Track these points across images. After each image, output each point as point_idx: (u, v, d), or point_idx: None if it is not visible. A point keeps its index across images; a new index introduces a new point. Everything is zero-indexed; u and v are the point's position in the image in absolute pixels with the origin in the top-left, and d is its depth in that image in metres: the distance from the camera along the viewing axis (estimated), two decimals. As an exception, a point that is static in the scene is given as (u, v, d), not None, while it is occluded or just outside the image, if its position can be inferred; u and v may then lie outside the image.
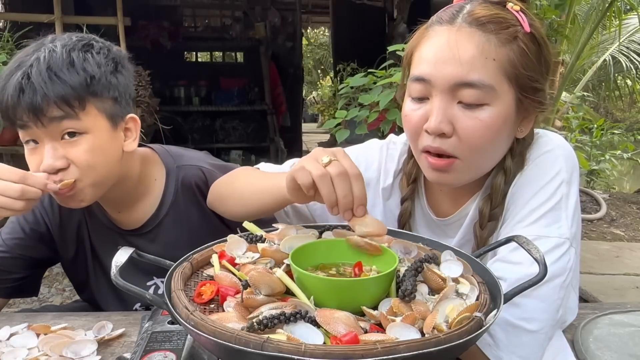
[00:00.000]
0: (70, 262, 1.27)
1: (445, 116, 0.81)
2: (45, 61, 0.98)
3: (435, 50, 0.83)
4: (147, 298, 0.64)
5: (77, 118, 1.00)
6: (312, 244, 0.73)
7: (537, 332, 0.78)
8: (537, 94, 0.85)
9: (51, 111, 0.97)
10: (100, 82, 1.03)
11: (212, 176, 1.21)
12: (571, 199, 0.85)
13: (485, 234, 0.89)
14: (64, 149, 1.00)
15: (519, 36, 0.82)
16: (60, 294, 3.01)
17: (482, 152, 0.84)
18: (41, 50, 1.00)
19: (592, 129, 6.04)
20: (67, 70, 0.99)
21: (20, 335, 0.97)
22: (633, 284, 2.78)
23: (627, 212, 4.42)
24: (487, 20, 0.82)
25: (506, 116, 0.83)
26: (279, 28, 6.39)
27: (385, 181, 1.03)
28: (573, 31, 5.43)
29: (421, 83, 0.84)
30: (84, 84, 1.00)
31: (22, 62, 1.00)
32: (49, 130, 0.99)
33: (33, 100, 0.96)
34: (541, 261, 0.67)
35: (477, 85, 0.80)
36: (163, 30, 5.86)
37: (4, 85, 0.98)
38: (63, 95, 0.98)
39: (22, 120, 0.98)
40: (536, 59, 0.84)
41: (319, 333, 0.57)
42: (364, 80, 2.38)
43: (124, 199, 1.18)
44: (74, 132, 1.00)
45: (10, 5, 4.67)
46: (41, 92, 0.96)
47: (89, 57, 1.03)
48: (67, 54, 1.00)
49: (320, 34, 14.18)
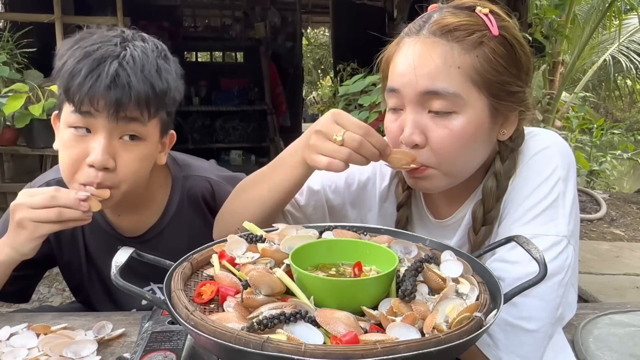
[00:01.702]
0: (65, 264, 1.26)
1: (417, 127, 0.83)
2: (140, 61, 0.97)
3: (403, 62, 0.85)
4: (147, 298, 0.64)
5: (145, 124, 1.00)
6: (312, 244, 0.73)
7: (536, 331, 0.78)
8: (513, 97, 0.85)
9: (131, 111, 0.96)
10: (172, 94, 1.04)
11: (219, 188, 1.20)
12: (568, 196, 0.85)
13: (480, 239, 0.89)
14: (117, 149, 0.99)
15: (484, 41, 0.82)
16: (60, 294, 3.01)
17: (455, 160, 0.85)
18: (129, 47, 0.98)
19: (592, 129, 6.04)
20: (156, 77, 0.99)
21: (20, 335, 0.97)
22: (633, 284, 2.78)
23: (627, 212, 4.42)
24: (452, 29, 0.82)
25: (478, 123, 0.83)
26: (279, 28, 6.39)
27: (382, 183, 1.04)
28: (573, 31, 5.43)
29: (394, 95, 0.86)
30: (164, 93, 1.00)
31: (107, 53, 0.96)
32: (116, 127, 0.97)
33: (122, 97, 0.94)
34: (541, 261, 0.67)
35: (443, 94, 0.81)
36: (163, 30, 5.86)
37: (88, 72, 0.94)
38: (149, 99, 0.97)
39: (97, 109, 0.95)
40: (507, 61, 0.83)
41: (319, 333, 0.57)
42: (362, 86, 2.38)
43: (129, 203, 1.15)
44: (136, 136, 1.00)
45: (10, 5, 4.67)
46: (135, 91, 0.95)
47: (169, 68, 1.03)
48: (154, 59, 1.00)
49: (320, 34, 14.18)
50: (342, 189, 1.04)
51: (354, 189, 1.04)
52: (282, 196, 0.94)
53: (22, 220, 0.96)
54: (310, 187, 1.02)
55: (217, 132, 6.35)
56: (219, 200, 1.20)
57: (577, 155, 4.77)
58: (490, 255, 0.85)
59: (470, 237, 0.90)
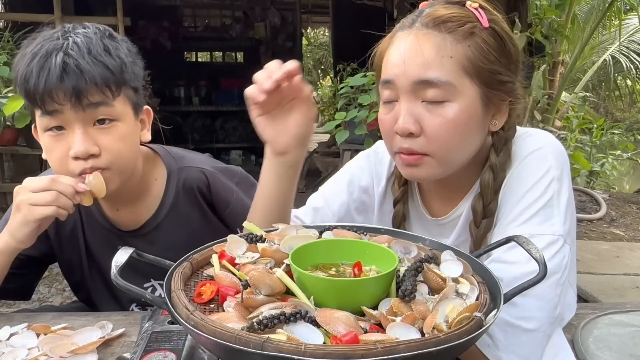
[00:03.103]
0: (66, 261, 1.26)
1: (411, 116, 0.84)
2: (85, 45, 0.99)
3: (396, 54, 0.87)
4: (147, 298, 0.64)
5: (112, 105, 1.01)
6: (312, 244, 0.73)
7: (536, 330, 0.78)
8: (503, 86, 0.87)
9: (92, 96, 0.98)
10: (129, 69, 1.05)
11: (214, 179, 1.21)
12: (563, 195, 0.86)
13: (481, 232, 0.90)
14: (95, 135, 1.01)
15: (475, 32, 0.85)
16: (60, 294, 3.01)
17: (450, 148, 0.86)
18: (71, 36, 1.00)
19: (592, 129, 6.04)
20: (106, 56, 1.00)
21: (20, 335, 0.97)
22: (633, 284, 2.78)
23: (627, 212, 4.42)
24: (444, 20, 0.85)
25: (471, 112, 0.85)
26: (279, 28, 6.39)
27: (380, 185, 1.05)
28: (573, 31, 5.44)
29: (388, 86, 0.88)
30: (120, 69, 1.02)
31: (51, 47, 0.98)
32: (85, 115, 0.99)
33: (78, 83, 0.96)
34: (541, 261, 0.67)
35: (436, 83, 0.82)
36: (163, 30, 5.86)
37: (39, 70, 0.97)
38: (106, 79, 0.99)
39: (59, 103, 0.97)
40: (498, 52, 0.86)
41: (319, 333, 0.57)
42: (364, 80, 2.38)
43: (125, 196, 1.16)
44: (107, 119, 1.02)
45: (10, 5, 4.67)
46: (89, 74, 0.97)
47: (117, 45, 1.04)
48: (100, 41, 1.01)
49: (320, 34, 14.18)
50: (346, 199, 1.05)
51: (356, 196, 1.05)
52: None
53: (20, 203, 0.98)
54: (313, 207, 1.04)
55: (217, 132, 6.35)
56: (214, 191, 1.22)
57: (577, 155, 4.77)
58: (486, 257, 0.86)
59: (472, 230, 0.91)
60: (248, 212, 0.99)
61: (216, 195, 1.22)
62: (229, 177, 1.24)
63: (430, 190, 1.00)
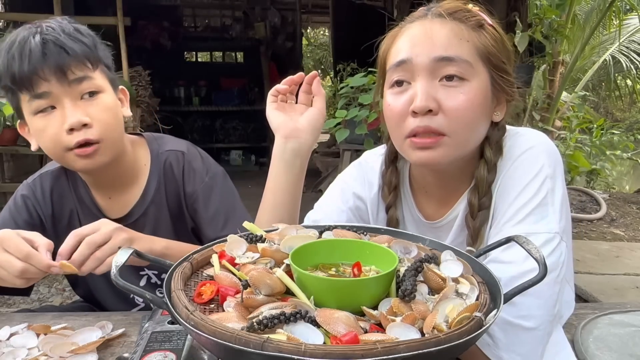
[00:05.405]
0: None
1: (429, 94, 0.85)
2: (59, 27, 1.06)
3: (411, 38, 0.89)
4: (147, 298, 0.64)
5: (93, 78, 1.08)
6: (312, 244, 0.73)
7: (535, 329, 0.78)
8: (507, 76, 0.91)
9: (75, 68, 1.05)
10: (100, 47, 1.13)
11: (189, 163, 1.23)
12: (557, 193, 0.86)
13: (478, 224, 0.90)
14: (84, 107, 1.06)
15: (484, 24, 0.89)
16: (60, 294, 3.01)
17: (469, 126, 0.87)
18: (42, 25, 1.07)
19: (592, 129, 6.03)
20: (78, 34, 1.08)
21: (20, 335, 0.97)
22: (633, 284, 2.78)
23: (627, 212, 4.42)
24: (456, 11, 0.89)
25: (485, 93, 0.88)
26: (279, 28, 6.39)
27: (371, 192, 1.05)
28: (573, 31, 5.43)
29: (402, 67, 0.88)
30: (93, 45, 1.10)
31: (27, 33, 1.04)
32: (72, 90, 1.05)
33: (60, 58, 1.03)
34: (541, 260, 0.67)
35: (456, 60, 0.85)
36: (163, 30, 5.86)
37: (20, 53, 1.02)
38: (85, 52, 1.06)
39: (46, 79, 1.02)
40: (501, 45, 0.91)
41: (319, 333, 0.57)
42: (364, 80, 2.39)
43: (117, 181, 1.19)
44: (92, 91, 1.08)
45: (10, 5, 4.67)
46: (69, 48, 1.04)
47: (84, 29, 1.12)
48: (68, 25, 1.09)
49: (320, 34, 14.18)
50: (344, 207, 1.05)
51: (351, 204, 1.06)
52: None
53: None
54: (313, 220, 1.05)
55: (217, 132, 6.35)
56: (186, 173, 1.23)
57: (577, 155, 4.76)
58: (483, 258, 0.86)
59: (469, 223, 0.91)
60: (212, 213, 1.01)
61: (188, 178, 1.23)
62: (204, 163, 1.26)
63: (427, 192, 1.00)
